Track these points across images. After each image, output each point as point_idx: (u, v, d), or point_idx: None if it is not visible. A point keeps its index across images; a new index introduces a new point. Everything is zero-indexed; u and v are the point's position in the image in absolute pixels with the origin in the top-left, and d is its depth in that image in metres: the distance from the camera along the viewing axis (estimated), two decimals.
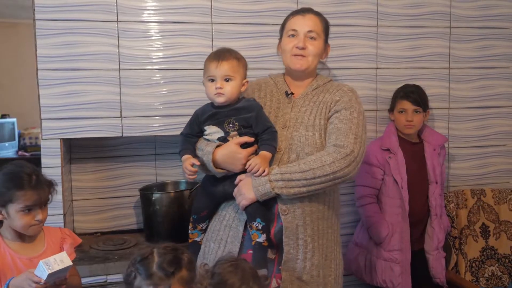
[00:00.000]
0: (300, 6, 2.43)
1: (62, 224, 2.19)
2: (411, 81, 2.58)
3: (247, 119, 1.75)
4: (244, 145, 1.74)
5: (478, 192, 2.71)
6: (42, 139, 2.21)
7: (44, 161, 2.20)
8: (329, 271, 1.82)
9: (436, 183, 2.44)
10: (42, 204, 1.64)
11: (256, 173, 1.69)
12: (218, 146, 1.75)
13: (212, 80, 1.74)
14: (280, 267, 1.74)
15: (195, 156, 1.79)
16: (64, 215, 2.22)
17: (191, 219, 1.90)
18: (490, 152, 2.85)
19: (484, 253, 2.63)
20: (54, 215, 2.19)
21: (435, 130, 2.61)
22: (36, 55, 2.18)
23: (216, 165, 1.73)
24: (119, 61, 2.27)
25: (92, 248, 2.28)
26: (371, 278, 2.44)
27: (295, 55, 1.84)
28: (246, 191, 1.71)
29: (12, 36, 5.80)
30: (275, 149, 1.75)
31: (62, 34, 2.19)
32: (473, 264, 2.60)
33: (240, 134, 1.75)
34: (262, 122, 1.76)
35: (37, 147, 5.27)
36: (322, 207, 1.79)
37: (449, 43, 2.71)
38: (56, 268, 1.45)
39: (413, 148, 2.49)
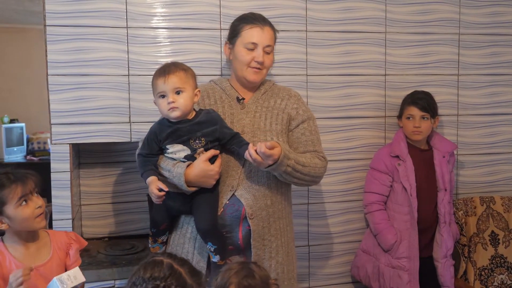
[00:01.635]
0: (309, 13, 2.45)
1: (71, 228, 2.20)
2: (420, 88, 2.57)
3: (212, 132, 1.73)
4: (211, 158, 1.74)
5: (487, 199, 2.69)
6: (52, 144, 2.22)
7: (53, 165, 2.21)
8: (292, 266, 1.91)
9: (445, 190, 2.42)
10: (33, 192, 1.63)
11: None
12: (188, 165, 1.71)
13: (163, 96, 1.70)
14: None
15: (159, 174, 1.75)
16: (73, 219, 2.23)
17: (150, 233, 1.89)
18: (499, 159, 2.83)
19: (494, 261, 2.60)
20: (62, 219, 2.21)
21: (444, 137, 2.59)
22: (46, 61, 2.20)
23: (188, 184, 1.71)
24: (128, 67, 2.28)
25: (100, 253, 2.28)
26: (378, 286, 2.42)
27: (253, 67, 1.87)
28: (276, 150, 1.68)
29: (21, 41, 5.84)
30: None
31: (72, 40, 2.21)
32: (482, 272, 2.58)
33: (206, 149, 1.73)
34: (227, 130, 1.77)
35: (45, 152, 5.30)
36: (281, 207, 1.88)
37: (458, 49, 2.71)
38: (70, 285, 1.45)
39: (422, 155, 2.47)
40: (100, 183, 2.50)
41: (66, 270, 1.69)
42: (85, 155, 2.48)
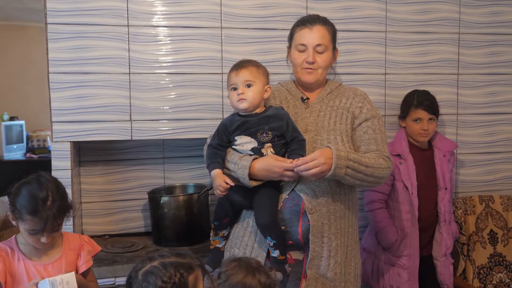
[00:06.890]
0: (309, 12, 2.45)
1: (71, 226, 2.21)
2: (420, 87, 2.58)
3: (279, 127, 1.77)
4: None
5: (486, 198, 2.70)
6: (53, 141, 2.22)
7: (54, 163, 2.21)
8: (349, 269, 1.87)
9: (446, 189, 2.44)
10: (47, 231, 1.59)
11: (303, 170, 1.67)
12: (254, 159, 1.74)
13: (235, 89, 1.78)
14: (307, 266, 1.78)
15: (223, 168, 1.79)
16: (73, 217, 2.23)
17: (213, 226, 1.91)
18: (498, 158, 2.84)
19: (492, 259, 2.61)
20: None
21: (444, 136, 2.60)
22: (47, 59, 2.20)
23: (251, 178, 1.74)
24: (129, 65, 2.28)
25: (101, 250, 2.28)
26: (378, 284, 2.43)
27: (305, 68, 1.89)
28: (326, 159, 1.66)
29: (21, 39, 5.84)
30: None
31: (74, 38, 2.21)
32: (481, 271, 2.59)
33: (274, 144, 1.77)
34: (291, 130, 1.79)
35: (45, 150, 5.31)
36: (344, 207, 1.85)
37: (458, 49, 2.71)
38: None
39: (423, 154, 2.48)
40: (100, 181, 2.51)
41: (77, 271, 1.70)
42: (86, 153, 2.49)
